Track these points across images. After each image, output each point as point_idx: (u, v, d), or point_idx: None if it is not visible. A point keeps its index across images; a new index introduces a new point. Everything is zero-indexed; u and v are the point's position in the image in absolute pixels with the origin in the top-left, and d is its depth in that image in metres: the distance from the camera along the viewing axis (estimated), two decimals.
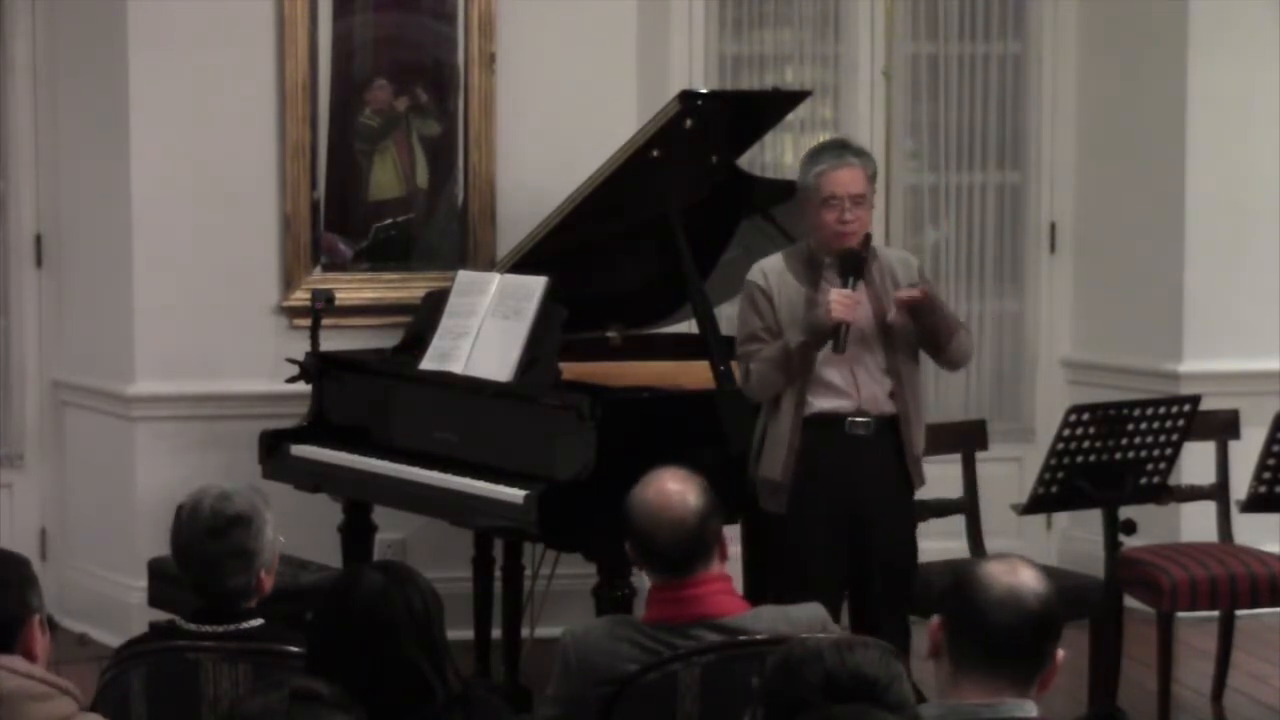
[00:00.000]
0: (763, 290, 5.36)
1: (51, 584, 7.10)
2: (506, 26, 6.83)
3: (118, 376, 6.82)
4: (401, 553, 6.63)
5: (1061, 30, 7.57)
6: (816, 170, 5.32)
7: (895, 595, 5.34)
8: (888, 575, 5.33)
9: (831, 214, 5.29)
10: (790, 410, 5.32)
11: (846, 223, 5.28)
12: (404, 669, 3.18)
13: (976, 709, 2.95)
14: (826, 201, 5.29)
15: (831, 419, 5.32)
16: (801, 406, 5.32)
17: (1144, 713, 5.94)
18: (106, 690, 3.76)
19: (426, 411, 5.87)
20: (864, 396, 5.33)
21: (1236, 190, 7.23)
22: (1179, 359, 7.25)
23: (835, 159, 5.33)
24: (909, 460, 5.38)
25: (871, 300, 5.35)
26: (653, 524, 3.85)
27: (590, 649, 3.83)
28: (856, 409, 5.32)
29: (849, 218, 5.28)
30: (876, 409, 5.34)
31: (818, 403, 5.32)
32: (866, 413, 5.33)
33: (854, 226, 5.29)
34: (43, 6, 6.97)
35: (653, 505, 3.87)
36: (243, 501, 3.82)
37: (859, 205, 5.29)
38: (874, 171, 5.38)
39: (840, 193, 5.28)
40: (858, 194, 5.28)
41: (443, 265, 6.75)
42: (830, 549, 5.31)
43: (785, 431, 5.32)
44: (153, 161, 6.68)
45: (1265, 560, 6.07)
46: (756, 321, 5.36)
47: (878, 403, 5.34)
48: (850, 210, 5.27)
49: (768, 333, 5.33)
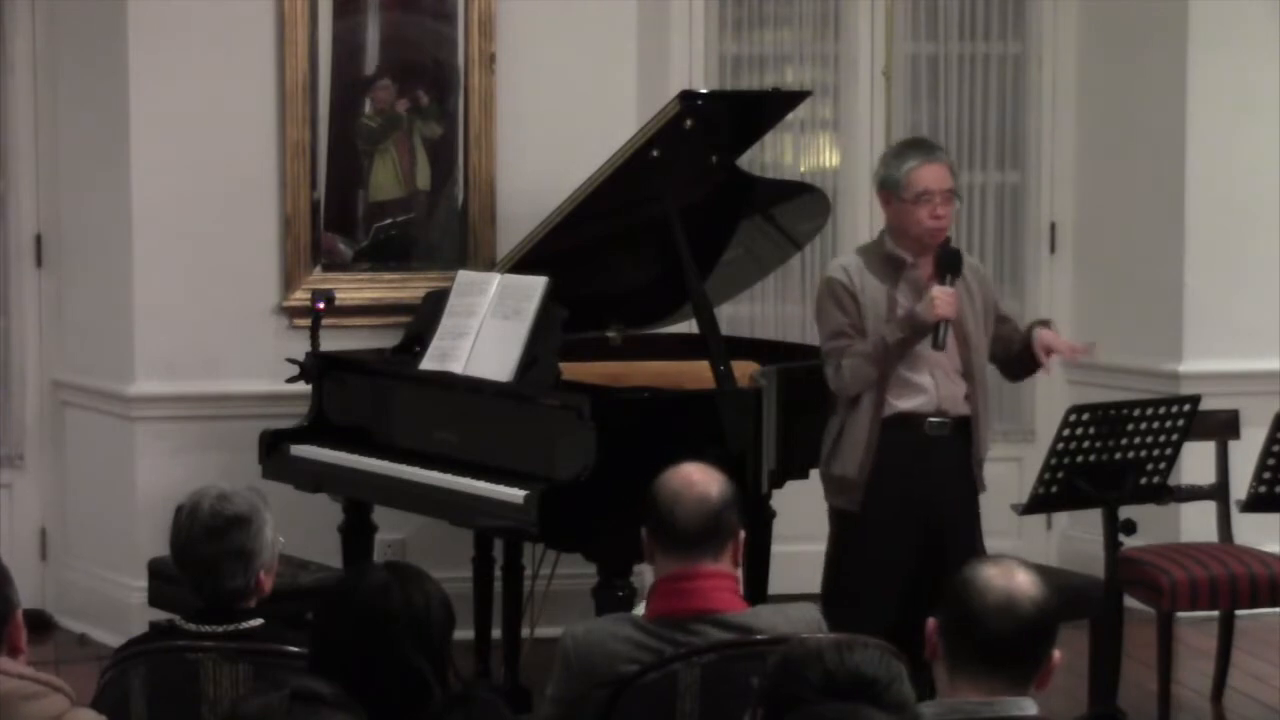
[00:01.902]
0: (846, 287, 5.39)
1: (51, 584, 7.12)
2: (506, 26, 6.83)
3: (118, 376, 6.82)
4: (401, 553, 6.63)
5: (1061, 30, 7.57)
6: (907, 167, 5.37)
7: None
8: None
9: (925, 209, 5.34)
10: (870, 409, 5.36)
11: (940, 218, 5.34)
12: (402, 669, 3.18)
13: (977, 707, 2.96)
14: (920, 197, 5.33)
15: (911, 419, 5.37)
16: (881, 406, 5.36)
17: (1144, 713, 5.94)
18: (106, 690, 3.76)
19: (426, 411, 5.87)
20: (943, 396, 5.38)
21: (1236, 190, 7.23)
22: (1179, 359, 7.25)
23: (926, 155, 5.40)
24: (974, 462, 5.44)
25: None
26: (672, 502, 3.85)
27: (590, 649, 3.83)
28: (936, 409, 5.37)
29: (942, 213, 5.34)
30: (954, 410, 5.39)
31: (899, 403, 5.37)
32: (945, 413, 5.38)
33: (946, 222, 5.36)
34: (43, 6, 6.97)
35: (678, 486, 3.87)
36: (242, 502, 3.82)
37: (949, 201, 5.36)
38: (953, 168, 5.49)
39: (934, 188, 5.34)
40: (949, 189, 5.37)
41: (443, 265, 6.75)
42: (902, 549, 5.35)
43: (864, 430, 5.36)
44: (153, 161, 6.68)
45: (1265, 560, 6.07)
46: (842, 318, 5.38)
47: (955, 403, 5.40)
48: (941, 205, 5.33)
49: (854, 329, 5.36)
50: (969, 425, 5.42)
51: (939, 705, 2.98)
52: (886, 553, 5.35)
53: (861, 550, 5.41)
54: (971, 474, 5.47)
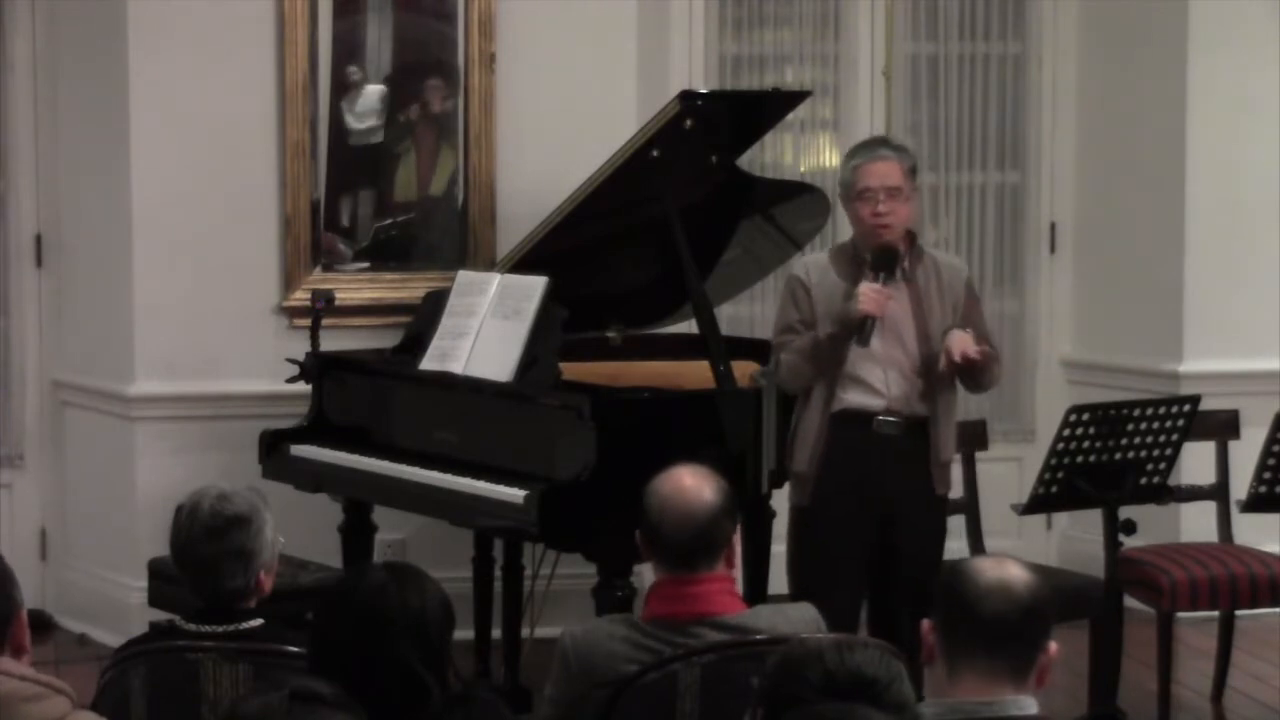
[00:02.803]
0: (802, 283, 5.39)
1: (51, 584, 7.12)
2: (506, 26, 6.83)
3: (118, 376, 6.82)
4: (401, 553, 6.63)
5: (1061, 30, 7.57)
6: (852, 164, 5.38)
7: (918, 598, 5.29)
8: (911, 578, 5.30)
9: (866, 207, 5.32)
10: (820, 404, 5.35)
11: (881, 215, 5.31)
12: (402, 669, 3.18)
13: (977, 707, 2.96)
14: (862, 194, 5.32)
15: (860, 415, 5.33)
16: (831, 401, 5.34)
17: (1144, 713, 5.94)
18: (106, 690, 3.76)
19: (426, 411, 5.87)
20: (894, 395, 5.33)
21: (1236, 190, 7.23)
22: (1179, 359, 7.24)
23: (869, 153, 5.39)
24: (933, 464, 5.37)
25: (912, 300, 5.36)
26: (664, 515, 3.84)
27: (590, 649, 3.83)
28: (885, 408, 5.33)
29: (883, 209, 5.30)
30: (907, 409, 5.34)
31: (847, 398, 5.34)
32: (897, 412, 5.33)
33: (890, 220, 5.31)
34: (43, 6, 6.97)
35: (668, 497, 3.86)
36: (242, 502, 3.81)
37: (894, 198, 5.31)
38: (912, 166, 5.42)
39: (875, 184, 5.31)
40: (893, 186, 5.31)
41: (443, 265, 6.75)
42: (852, 544, 5.32)
43: (814, 425, 5.35)
44: (153, 161, 6.68)
45: (1265, 560, 6.07)
46: (794, 314, 5.39)
47: (908, 403, 5.34)
48: (885, 203, 5.30)
49: (803, 325, 5.36)
50: (926, 426, 5.37)
51: (939, 705, 2.98)
52: (837, 547, 5.32)
53: (814, 546, 5.38)
54: (929, 475, 5.37)
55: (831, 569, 5.29)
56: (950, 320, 5.38)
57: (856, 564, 5.33)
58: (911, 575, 5.29)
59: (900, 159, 5.38)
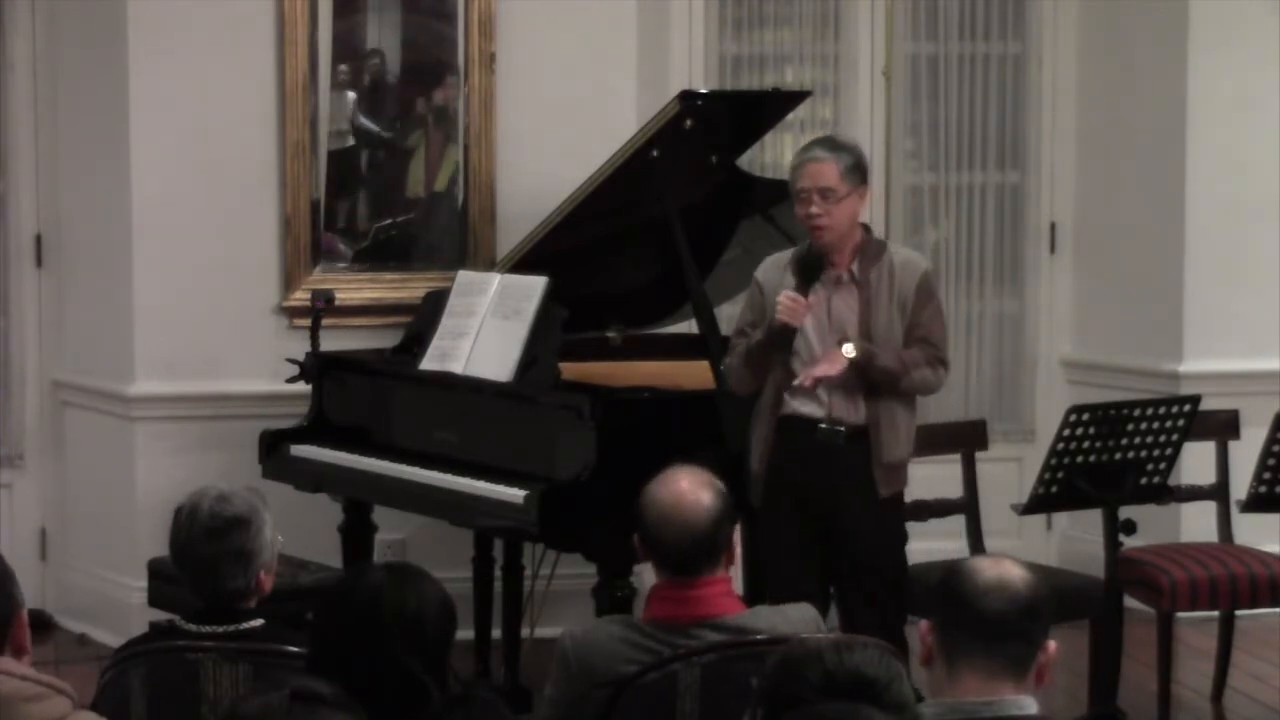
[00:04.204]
0: (759, 283, 5.38)
1: (51, 584, 7.12)
2: (506, 26, 6.83)
3: (118, 376, 6.82)
4: (401, 553, 6.63)
5: (1061, 30, 7.57)
6: (792, 165, 5.37)
7: (881, 602, 5.28)
8: (870, 583, 5.29)
9: (801, 208, 5.28)
10: (767, 408, 5.34)
11: (814, 216, 5.23)
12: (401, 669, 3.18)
13: (977, 707, 2.96)
14: (797, 196, 5.28)
15: (804, 422, 5.29)
16: (779, 405, 5.32)
17: (1144, 713, 5.94)
18: (106, 690, 3.76)
19: (426, 411, 5.87)
20: (835, 402, 5.27)
21: (1236, 190, 7.22)
22: (1179, 359, 7.24)
23: (805, 153, 5.34)
24: (875, 466, 5.27)
25: (861, 302, 5.28)
26: (662, 524, 3.82)
27: (589, 650, 3.83)
28: (827, 415, 5.28)
29: (815, 210, 5.23)
30: (850, 417, 5.26)
31: (793, 404, 5.31)
32: (840, 420, 5.26)
33: (824, 221, 5.23)
34: (43, 6, 6.97)
35: (665, 505, 3.83)
36: (241, 502, 3.82)
37: (827, 199, 5.23)
38: (850, 165, 5.27)
39: (808, 185, 5.25)
40: (825, 187, 5.22)
41: (443, 265, 6.75)
42: (798, 548, 5.31)
43: (764, 428, 5.34)
44: (153, 161, 6.68)
45: (1265, 560, 6.07)
46: (747, 315, 5.40)
47: (851, 410, 5.27)
48: (818, 204, 5.23)
49: (752, 327, 5.34)
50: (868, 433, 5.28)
51: (939, 705, 2.98)
52: (787, 550, 5.31)
53: (765, 546, 5.39)
54: (871, 479, 5.27)
55: (780, 568, 5.29)
56: (896, 320, 5.27)
57: (807, 565, 5.30)
58: (869, 577, 5.27)
59: (837, 158, 5.25)
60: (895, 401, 5.30)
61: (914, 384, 5.29)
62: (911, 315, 5.29)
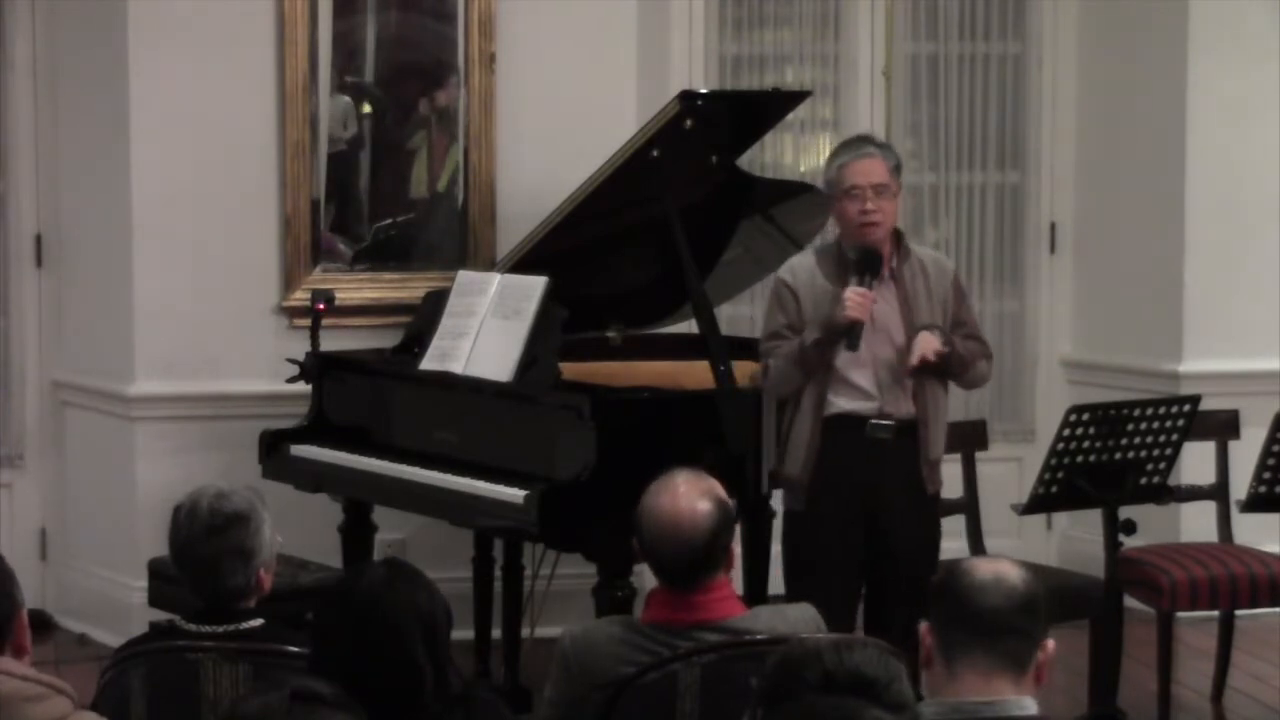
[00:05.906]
0: (789, 287, 5.38)
1: (51, 584, 7.12)
2: (506, 26, 6.83)
3: (118, 376, 6.82)
4: (402, 553, 6.62)
5: (1061, 30, 7.57)
6: (838, 164, 5.37)
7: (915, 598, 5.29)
8: (906, 579, 5.29)
9: (854, 205, 5.30)
10: (811, 409, 5.33)
11: (869, 213, 5.29)
12: (404, 669, 3.18)
13: (977, 707, 2.96)
14: (849, 193, 5.30)
15: (853, 420, 5.32)
16: (822, 405, 5.33)
17: (1144, 713, 5.94)
18: (106, 690, 3.76)
19: (426, 411, 5.87)
20: (886, 398, 5.32)
21: (1236, 190, 7.23)
22: (1179, 359, 7.24)
23: (855, 151, 5.37)
24: (923, 464, 5.36)
25: (899, 299, 5.35)
26: (661, 539, 3.81)
27: (589, 650, 3.83)
28: (879, 411, 5.32)
29: (871, 207, 5.28)
30: (899, 412, 5.32)
31: (839, 402, 5.33)
32: (889, 415, 5.32)
33: (877, 217, 5.29)
34: (43, 6, 6.97)
35: (663, 520, 3.81)
36: (240, 501, 3.82)
37: (881, 195, 5.30)
38: (897, 164, 5.39)
39: (862, 182, 5.30)
40: (879, 183, 5.30)
41: (443, 265, 6.75)
42: (846, 548, 5.32)
43: (806, 430, 5.33)
44: (153, 161, 6.68)
45: (1265, 560, 6.07)
46: (781, 319, 5.38)
47: (900, 405, 5.33)
48: (873, 200, 5.28)
49: (790, 330, 5.34)
50: (916, 426, 5.34)
51: (939, 705, 2.98)
52: (834, 551, 5.32)
53: (811, 550, 5.37)
54: (920, 476, 5.36)
55: (827, 572, 5.29)
56: (939, 318, 5.36)
57: (852, 566, 5.33)
58: (908, 575, 5.29)
59: (885, 156, 5.35)
60: (941, 396, 5.39)
61: (976, 375, 5.45)
62: (954, 314, 5.41)
